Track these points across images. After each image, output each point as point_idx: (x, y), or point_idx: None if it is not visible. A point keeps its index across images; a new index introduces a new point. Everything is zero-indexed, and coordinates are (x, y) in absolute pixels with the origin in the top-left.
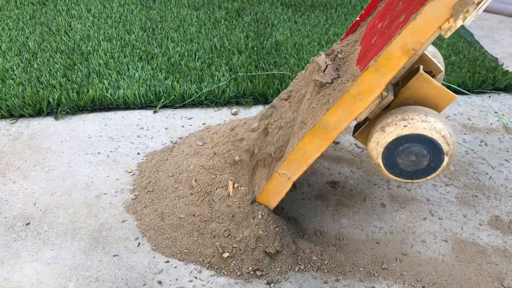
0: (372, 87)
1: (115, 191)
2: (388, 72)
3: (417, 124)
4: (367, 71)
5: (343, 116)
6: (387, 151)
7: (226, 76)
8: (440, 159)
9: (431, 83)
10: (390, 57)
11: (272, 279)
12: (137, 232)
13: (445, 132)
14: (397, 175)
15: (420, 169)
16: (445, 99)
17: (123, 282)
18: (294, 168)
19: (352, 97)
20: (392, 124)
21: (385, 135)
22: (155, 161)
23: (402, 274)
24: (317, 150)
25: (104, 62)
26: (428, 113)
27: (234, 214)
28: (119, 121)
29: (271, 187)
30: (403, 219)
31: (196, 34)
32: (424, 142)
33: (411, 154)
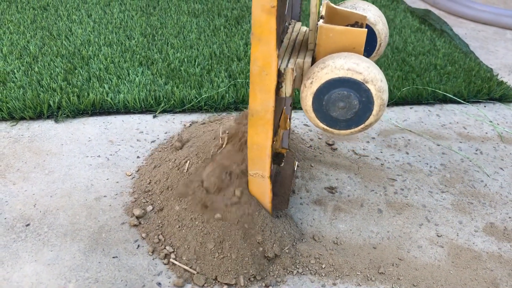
0: (267, 57)
1: (115, 193)
2: (269, 37)
3: (319, 74)
4: (252, 45)
5: (263, 96)
6: (317, 113)
7: (225, 82)
8: (365, 89)
9: (335, 30)
10: (259, 22)
11: (270, 283)
12: (136, 234)
13: (348, 64)
14: (347, 127)
15: (358, 110)
16: (357, 38)
17: (123, 284)
18: (260, 165)
19: (258, 76)
20: (303, 88)
21: (304, 101)
22: (154, 164)
23: (399, 278)
24: (266, 138)
25: (105, 66)
26: (326, 59)
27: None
28: (119, 125)
29: (254, 191)
30: (399, 224)
31: (196, 41)
32: (337, 85)
33: (336, 102)
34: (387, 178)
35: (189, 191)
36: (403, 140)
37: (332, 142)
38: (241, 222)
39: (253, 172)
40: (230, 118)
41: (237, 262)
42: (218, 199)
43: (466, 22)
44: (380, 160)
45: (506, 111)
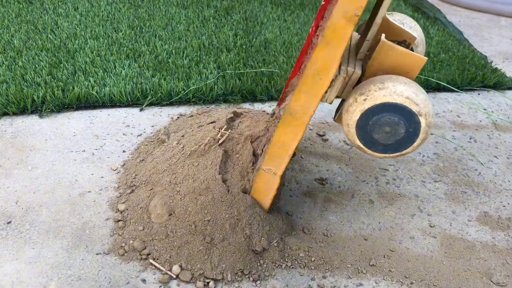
0: (328, 62)
1: (100, 189)
2: (338, 43)
3: (375, 94)
4: (318, 47)
5: (308, 99)
6: (359, 130)
7: (214, 74)
8: (416, 122)
9: (396, 50)
10: (336, 28)
11: (258, 277)
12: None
13: (408, 93)
14: (383, 151)
15: (401, 139)
16: (415, 63)
17: (106, 281)
18: (277, 162)
19: (312, 78)
20: (353, 102)
21: (350, 115)
22: (141, 158)
23: (390, 270)
24: (293, 139)
25: (91, 60)
26: (385, 79)
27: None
28: (104, 119)
29: (260, 185)
30: (391, 215)
31: (184, 32)
32: (392, 110)
33: (383, 126)
34: (378, 168)
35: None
36: None
37: (323, 133)
38: (228, 216)
39: (266, 168)
40: (218, 110)
41: (224, 257)
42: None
43: (460, 9)
44: None
45: (501, 98)
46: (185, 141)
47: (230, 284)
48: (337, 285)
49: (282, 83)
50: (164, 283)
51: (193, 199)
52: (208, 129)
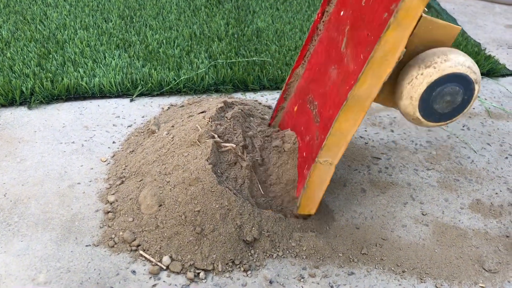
0: (397, 43)
1: (89, 180)
2: (409, 24)
3: (442, 66)
4: (390, 29)
5: (373, 81)
6: (422, 102)
7: (205, 63)
8: (472, 89)
9: (436, 23)
10: (409, 8)
11: (249, 267)
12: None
13: (468, 62)
14: (437, 121)
15: (457, 107)
16: (450, 33)
17: (96, 273)
18: (334, 152)
19: (380, 60)
20: (418, 74)
21: (415, 87)
22: (131, 149)
23: (382, 259)
24: (353, 125)
25: (80, 50)
26: (445, 52)
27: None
28: (94, 110)
29: (315, 180)
30: (383, 204)
31: (176, 22)
32: (455, 80)
33: (446, 96)
34: (371, 157)
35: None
36: (388, 118)
37: None
38: (218, 206)
39: (323, 160)
40: (210, 100)
41: (214, 247)
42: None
43: None
44: (364, 138)
45: (494, 85)
46: (175, 131)
47: (220, 275)
48: (329, 274)
49: (274, 72)
50: (154, 274)
51: (183, 190)
52: (198, 119)
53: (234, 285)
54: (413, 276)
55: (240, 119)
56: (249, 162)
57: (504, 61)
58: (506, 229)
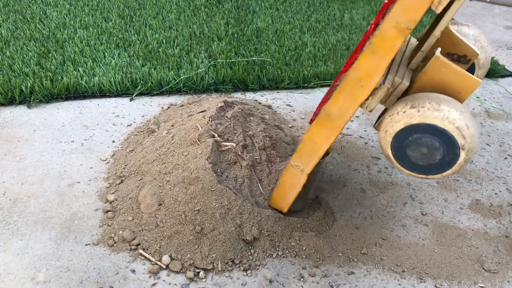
0: (371, 71)
1: (89, 179)
2: (385, 54)
3: (428, 113)
4: (363, 54)
5: (345, 104)
6: (395, 141)
7: (205, 63)
8: (455, 154)
9: (450, 67)
10: (384, 38)
11: (249, 266)
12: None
13: (460, 123)
14: (410, 169)
15: (434, 164)
16: (467, 85)
17: (95, 272)
18: (305, 160)
19: (353, 84)
20: (401, 111)
21: (393, 123)
22: (130, 148)
23: (382, 258)
24: (325, 141)
25: (80, 49)
26: (441, 100)
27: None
28: (94, 109)
29: (286, 179)
30: (383, 204)
31: (175, 21)
32: (436, 133)
33: (421, 146)
34: (371, 157)
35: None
36: None
37: None
38: (218, 206)
39: (295, 164)
40: (209, 100)
41: (214, 247)
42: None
43: None
44: (364, 139)
45: (493, 86)
46: (175, 130)
47: (220, 274)
48: (328, 274)
49: (274, 72)
50: (153, 274)
51: (183, 189)
52: (198, 119)
53: (234, 285)
54: (412, 275)
55: (240, 118)
56: (249, 161)
57: (504, 62)
58: (506, 229)
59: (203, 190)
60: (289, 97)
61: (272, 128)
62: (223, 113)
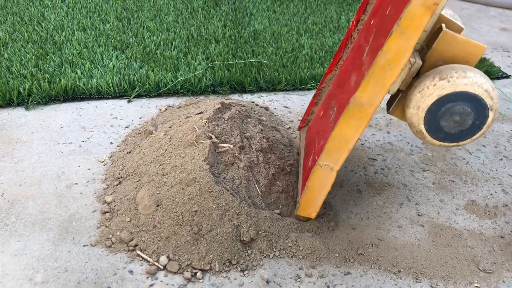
0: (400, 53)
1: (87, 181)
2: (413, 33)
3: (458, 81)
4: (392, 37)
5: (375, 89)
6: (429, 114)
7: (202, 65)
8: (485, 115)
9: (458, 39)
10: (413, 17)
11: (246, 267)
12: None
13: (487, 85)
14: (442, 140)
15: (465, 129)
16: (474, 52)
17: (93, 272)
18: (335, 157)
19: (381, 68)
20: (431, 85)
21: (425, 98)
22: (128, 150)
23: (378, 259)
24: (355, 132)
25: (78, 51)
26: (465, 69)
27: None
28: (92, 111)
29: (315, 182)
30: (379, 204)
31: (173, 24)
32: (467, 99)
33: (454, 114)
34: (367, 158)
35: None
36: (385, 119)
37: None
38: (216, 207)
39: (323, 163)
40: (207, 101)
41: (211, 247)
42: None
43: (449, 0)
44: (360, 140)
45: None
46: (173, 132)
47: (217, 274)
48: (325, 274)
49: (271, 73)
50: (151, 274)
51: (180, 190)
52: (195, 120)
53: (231, 285)
54: (408, 276)
55: (237, 120)
56: (246, 162)
57: (499, 64)
58: (501, 229)
59: (201, 191)
60: (286, 99)
61: (269, 129)
62: (220, 115)
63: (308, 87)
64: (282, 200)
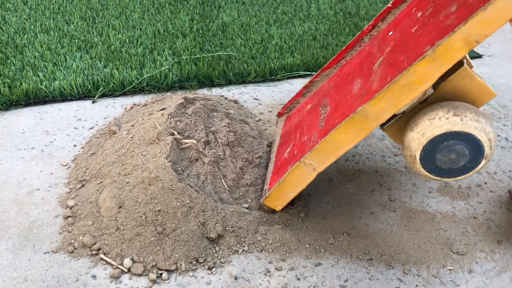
0: (425, 78)
1: (49, 186)
2: (444, 63)
3: (469, 123)
4: (423, 60)
5: (386, 106)
6: (430, 144)
7: (169, 61)
8: (478, 162)
9: (474, 78)
10: (450, 48)
11: (214, 264)
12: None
13: (491, 135)
14: (429, 171)
15: (455, 168)
16: (484, 95)
17: (54, 280)
18: (321, 159)
19: (401, 87)
20: (443, 117)
21: (433, 127)
22: (92, 152)
23: (350, 247)
24: (351, 141)
25: (40, 54)
26: (478, 112)
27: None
28: (55, 114)
29: (292, 177)
30: (351, 192)
31: (139, 20)
32: (470, 142)
33: (453, 152)
34: None
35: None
36: None
37: None
38: (180, 204)
39: (308, 162)
40: (173, 98)
41: (177, 247)
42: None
43: None
44: None
45: None
46: (135, 130)
47: (184, 274)
48: (295, 267)
49: (240, 66)
50: (115, 278)
51: (143, 190)
52: (157, 117)
53: (198, 284)
54: (381, 263)
55: (202, 114)
56: (212, 157)
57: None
58: (474, 210)
59: (163, 189)
60: (256, 91)
61: (237, 122)
62: (183, 110)
63: (278, 78)
64: (251, 194)
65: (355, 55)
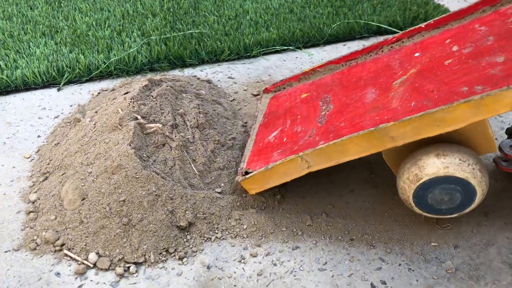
0: (459, 120)
1: (11, 180)
2: (485, 113)
3: (472, 172)
4: (467, 103)
5: (410, 132)
6: (420, 190)
7: (138, 42)
8: (472, 200)
9: (486, 129)
10: (499, 101)
11: (185, 254)
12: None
13: (486, 189)
14: (419, 207)
15: (438, 209)
16: (487, 147)
17: (15, 280)
18: (321, 160)
19: (432, 120)
20: (430, 163)
21: (437, 165)
22: (56, 142)
23: (328, 228)
24: (358, 153)
25: (1, 42)
26: (466, 153)
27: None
28: (18, 104)
29: (281, 168)
30: (329, 170)
31: (107, 2)
32: (466, 190)
33: (446, 193)
34: None
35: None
36: None
37: (258, 92)
38: (145, 193)
39: (306, 159)
40: (141, 80)
41: (144, 238)
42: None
43: None
44: None
45: None
46: (98, 117)
47: (153, 266)
48: (272, 252)
49: (213, 44)
50: (80, 274)
51: (106, 179)
52: (119, 102)
53: (169, 276)
54: (362, 243)
55: (169, 96)
56: (180, 142)
57: (455, 9)
58: None
59: (127, 178)
60: (231, 69)
61: (209, 103)
62: (148, 93)
63: (253, 54)
64: (223, 178)
65: (370, 61)
